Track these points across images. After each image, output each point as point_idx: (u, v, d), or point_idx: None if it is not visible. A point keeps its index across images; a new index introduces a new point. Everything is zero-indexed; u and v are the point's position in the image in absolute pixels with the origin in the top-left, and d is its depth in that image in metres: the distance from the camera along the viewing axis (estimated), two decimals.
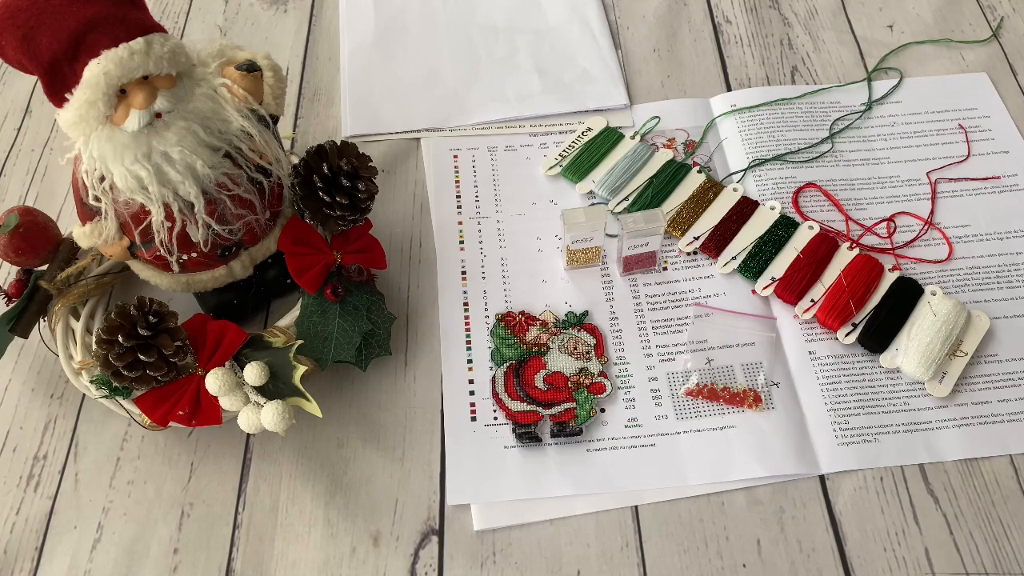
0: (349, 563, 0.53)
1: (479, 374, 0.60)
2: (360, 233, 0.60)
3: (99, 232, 0.52)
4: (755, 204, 0.66)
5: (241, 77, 0.53)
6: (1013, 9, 0.82)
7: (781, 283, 0.62)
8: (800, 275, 0.62)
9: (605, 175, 0.69)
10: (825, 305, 0.60)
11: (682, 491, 0.55)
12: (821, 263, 0.62)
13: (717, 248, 0.64)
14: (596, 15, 0.82)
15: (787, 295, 0.61)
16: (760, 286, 0.62)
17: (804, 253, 0.63)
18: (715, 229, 0.65)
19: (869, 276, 0.61)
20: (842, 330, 0.60)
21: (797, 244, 0.63)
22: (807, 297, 0.61)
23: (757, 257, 0.63)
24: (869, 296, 0.60)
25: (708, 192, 0.67)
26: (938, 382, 0.58)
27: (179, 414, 0.52)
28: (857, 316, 0.60)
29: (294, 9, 0.85)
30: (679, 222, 0.66)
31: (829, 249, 0.63)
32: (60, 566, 0.53)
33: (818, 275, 0.62)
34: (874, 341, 0.59)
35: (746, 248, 0.64)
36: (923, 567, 0.52)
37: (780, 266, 0.63)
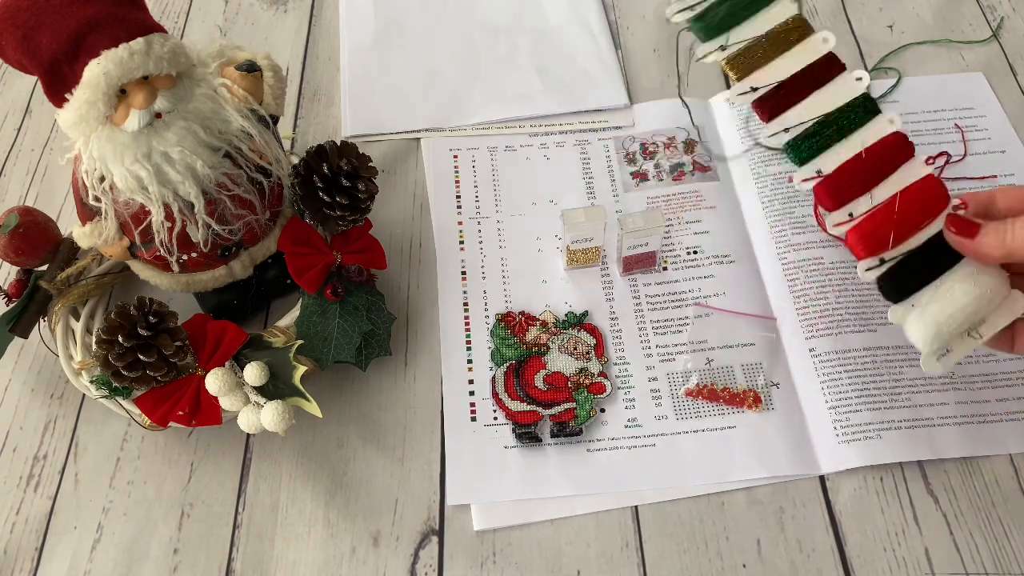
0: (349, 563, 0.53)
1: (479, 374, 0.60)
2: (360, 233, 0.60)
3: (99, 232, 0.52)
4: (841, 67, 0.52)
5: (241, 77, 0.53)
6: (1013, 9, 0.82)
7: (827, 181, 0.50)
8: (853, 179, 0.50)
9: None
10: (862, 226, 0.49)
11: (682, 491, 0.55)
12: (882, 172, 0.50)
13: (773, 110, 0.52)
14: (596, 15, 0.82)
15: (827, 198, 0.50)
16: (800, 176, 0.51)
17: (869, 153, 0.50)
18: (782, 85, 0.52)
19: (927, 208, 0.49)
20: (866, 262, 0.49)
21: (866, 138, 0.50)
22: (846, 208, 0.50)
23: (814, 138, 0.51)
24: (916, 232, 0.49)
25: (792, 33, 0.52)
26: (936, 358, 0.49)
27: (179, 414, 0.52)
28: (890, 252, 0.49)
29: (294, 9, 0.85)
30: (743, 61, 0.52)
31: (900, 157, 0.50)
32: (60, 566, 0.53)
33: (872, 185, 0.50)
34: (895, 288, 0.49)
35: (807, 123, 0.51)
36: (923, 567, 0.52)
37: (834, 158, 0.50)
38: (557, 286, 0.64)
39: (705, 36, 0.53)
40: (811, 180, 0.51)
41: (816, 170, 0.51)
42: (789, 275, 0.64)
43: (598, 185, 0.70)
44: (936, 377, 0.59)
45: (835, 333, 0.61)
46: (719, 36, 0.53)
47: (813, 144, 0.51)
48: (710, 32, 0.53)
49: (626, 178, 0.71)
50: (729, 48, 0.53)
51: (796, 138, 0.51)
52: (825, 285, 0.63)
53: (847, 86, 0.52)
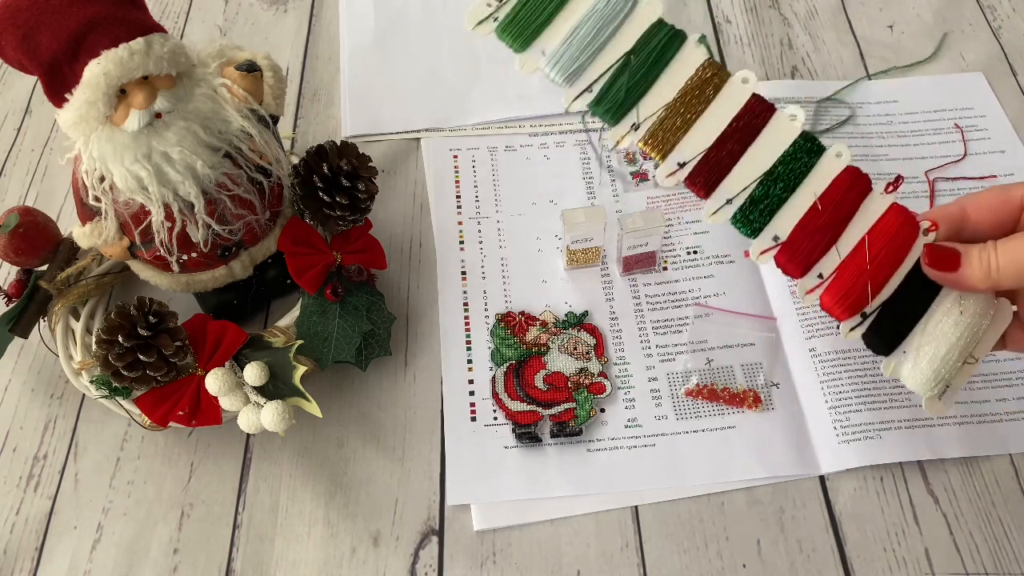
0: (349, 563, 0.53)
1: (479, 374, 0.60)
2: (360, 233, 0.60)
3: (99, 232, 0.52)
4: (770, 109, 0.45)
5: (241, 77, 0.53)
6: (1013, 9, 0.82)
7: (786, 248, 0.44)
8: (814, 236, 0.44)
9: (561, 43, 0.46)
10: (836, 285, 0.44)
11: (682, 491, 0.55)
12: (843, 218, 0.44)
13: (708, 184, 0.45)
14: None
15: (791, 266, 0.45)
16: (757, 249, 0.45)
17: (824, 200, 0.44)
18: (709, 153, 0.45)
19: (899, 243, 0.44)
20: (848, 323, 0.45)
21: (818, 186, 0.44)
22: (814, 271, 0.45)
23: (762, 203, 0.45)
24: (893, 274, 0.44)
25: (707, 86, 0.45)
26: (938, 398, 0.46)
27: (179, 414, 0.52)
28: (871, 304, 0.44)
29: (294, 9, 0.85)
30: (659, 137, 0.45)
31: (858, 194, 0.44)
32: (60, 566, 0.53)
33: (836, 236, 0.44)
34: (882, 341, 0.45)
35: (748, 186, 0.45)
36: (923, 567, 0.52)
37: (789, 219, 0.45)
38: (557, 286, 0.64)
39: (612, 119, 0.46)
40: (770, 251, 0.45)
41: (772, 237, 0.45)
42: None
43: (598, 185, 0.70)
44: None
45: (835, 333, 0.61)
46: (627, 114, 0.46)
47: (762, 209, 0.45)
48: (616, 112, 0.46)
49: (626, 178, 0.71)
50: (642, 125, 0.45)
51: (742, 207, 0.45)
52: None
53: (782, 129, 0.45)
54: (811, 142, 0.45)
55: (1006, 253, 0.41)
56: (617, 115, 0.45)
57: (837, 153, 0.45)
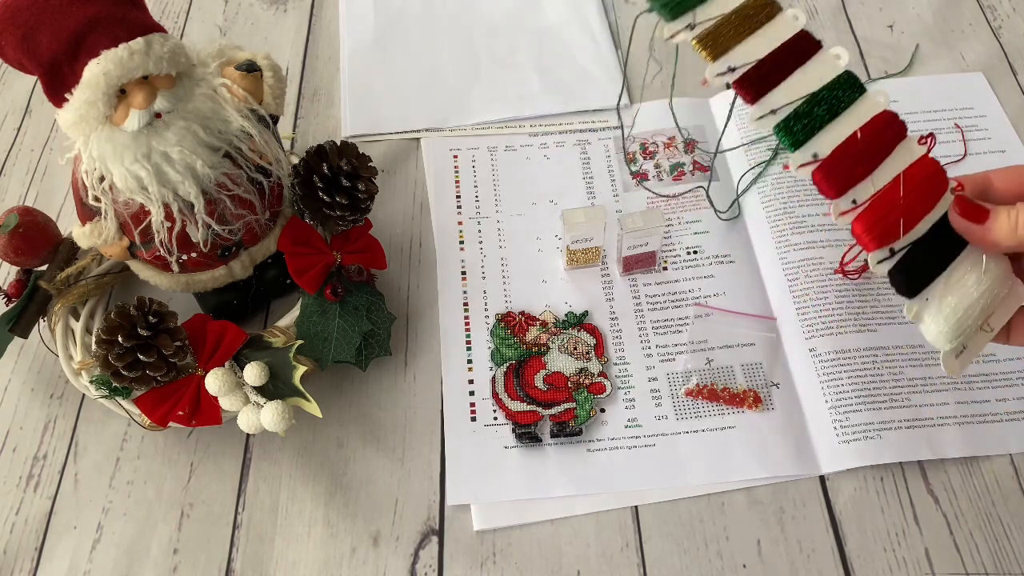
0: (349, 563, 0.53)
1: (479, 374, 0.60)
2: (360, 233, 0.60)
3: (99, 232, 0.52)
4: (818, 44, 0.49)
5: (241, 77, 0.53)
6: (1013, 9, 0.82)
7: (825, 166, 0.46)
8: (852, 162, 0.46)
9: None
10: (869, 213, 0.46)
11: (682, 491, 0.55)
12: (880, 153, 0.46)
13: (756, 91, 0.48)
14: (596, 15, 0.82)
15: (828, 184, 0.46)
16: (797, 161, 0.47)
17: (864, 132, 0.46)
18: (762, 62, 0.48)
19: (931, 190, 0.46)
20: (877, 253, 0.46)
21: (858, 117, 0.47)
22: (849, 195, 0.46)
23: (805, 119, 0.47)
24: (922, 218, 0.45)
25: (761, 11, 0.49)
26: (954, 356, 0.46)
27: (179, 414, 0.52)
28: (900, 241, 0.45)
29: (294, 9, 0.85)
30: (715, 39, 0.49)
31: (894, 137, 0.47)
32: (60, 566, 0.53)
33: (872, 168, 0.46)
34: (911, 280, 0.46)
35: (794, 102, 0.47)
36: (923, 567, 0.52)
37: (830, 140, 0.47)
38: (557, 286, 0.64)
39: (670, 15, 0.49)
40: (809, 165, 0.47)
41: (812, 154, 0.47)
42: (789, 275, 0.64)
43: (598, 185, 0.70)
44: (937, 377, 0.59)
45: (835, 333, 0.61)
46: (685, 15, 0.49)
47: (805, 125, 0.47)
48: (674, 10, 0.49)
49: (626, 178, 0.71)
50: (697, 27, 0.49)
51: (786, 119, 0.48)
52: (825, 285, 0.63)
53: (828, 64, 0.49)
54: (854, 80, 0.48)
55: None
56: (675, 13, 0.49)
57: (878, 95, 0.48)
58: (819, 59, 0.49)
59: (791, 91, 0.48)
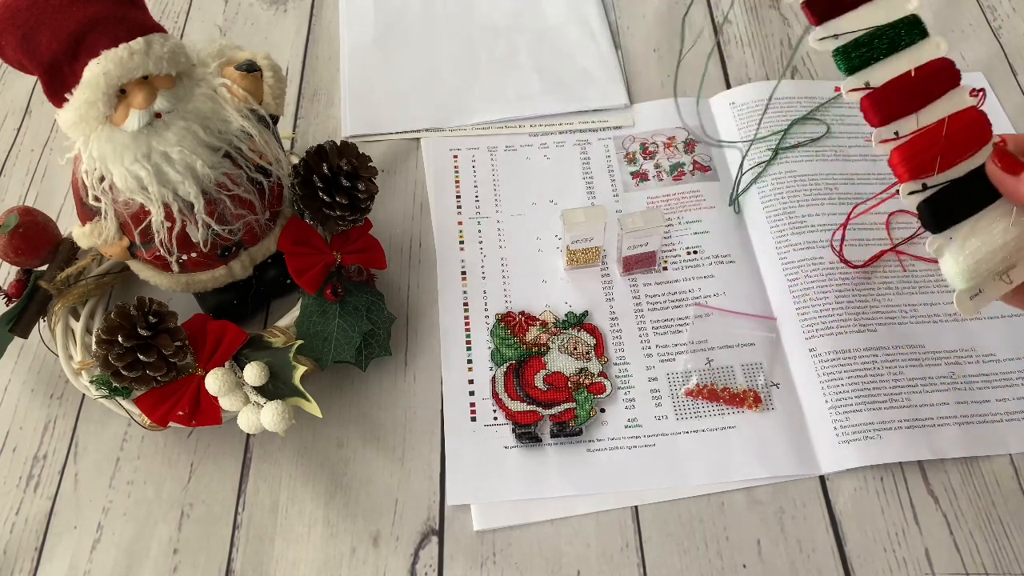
0: (349, 563, 0.53)
1: (479, 374, 0.60)
2: (360, 233, 0.60)
3: (99, 232, 0.52)
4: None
5: (241, 77, 0.53)
6: (1013, 9, 0.82)
7: (875, 95, 0.49)
8: (901, 96, 0.49)
9: None
10: (908, 146, 0.48)
11: (682, 491, 0.55)
12: (929, 94, 0.49)
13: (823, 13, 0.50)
14: (596, 15, 0.82)
15: (873, 112, 0.49)
16: (848, 86, 0.50)
17: (918, 72, 0.49)
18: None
19: (973, 137, 0.48)
20: (909, 185, 0.48)
21: (916, 58, 0.50)
22: (892, 126, 0.49)
23: (864, 48, 0.50)
24: (960, 161, 0.48)
25: None
26: (968, 297, 0.48)
27: (179, 414, 0.52)
28: (933, 179, 0.48)
29: (294, 9, 0.85)
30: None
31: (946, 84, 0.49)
32: (60, 566, 0.53)
33: (919, 106, 0.49)
34: (938, 215, 0.48)
35: (857, 31, 0.50)
36: (923, 567, 0.52)
37: (884, 72, 0.49)
38: (557, 286, 0.64)
39: None
40: (859, 91, 0.50)
41: (864, 82, 0.50)
42: (789, 275, 0.64)
43: (598, 185, 0.70)
44: (937, 377, 0.59)
45: (835, 333, 0.61)
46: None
47: (863, 54, 0.50)
48: None
49: (626, 178, 0.71)
50: None
51: (846, 46, 0.50)
52: (825, 285, 0.63)
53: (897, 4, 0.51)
54: (920, 24, 0.50)
55: None
56: None
57: (937, 43, 0.50)
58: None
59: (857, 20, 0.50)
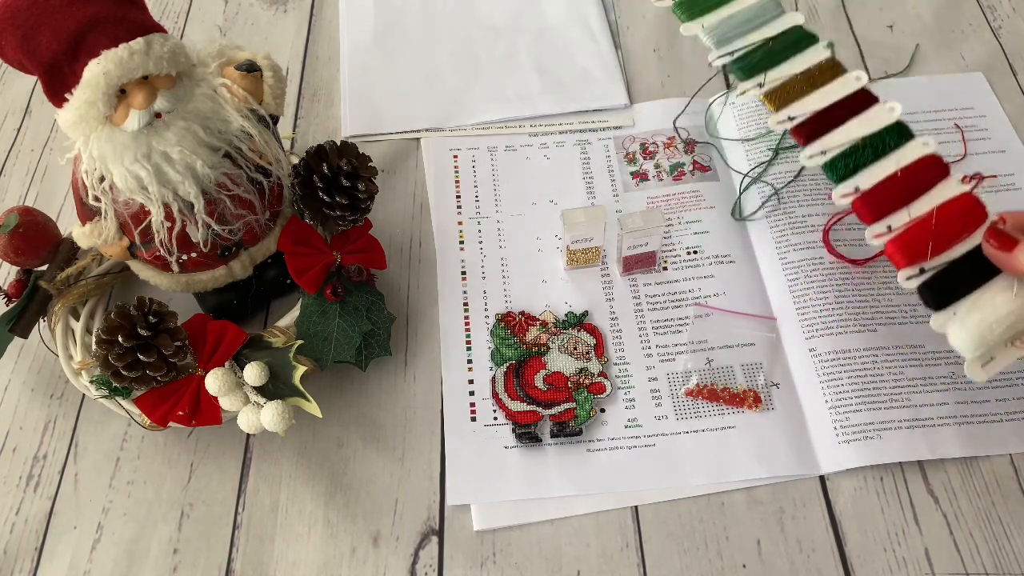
0: (349, 563, 0.53)
1: (479, 374, 0.60)
2: (360, 233, 0.60)
3: (99, 232, 0.52)
4: (872, 99, 0.56)
5: (241, 77, 0.53)
6: (1013, 9, 0.82)
7: (865, 197, 0.53)
8: (890, 195, 0.52)
9: (720, 21, 0.61)
10: (901, 238, 0.51)
11: (682, 491, 0.55)
12: (918, 189, 0.52)
13: (810, 135, 0.55)
14: (596, 15, 0.82)
15: (865, 211, 0.53)
16: (840, 192, 0.53)
17: (904, 172, 0.53)
18: (817, 115, 0.56)
19: (966, 222, 0.51)
20: (906, 271, 0.51)
21: (901, 159, 0.53)
22: (884, 221, 0.52)
23: (851, 158, 0.54)
24: (954, 245, 0.50)
25: (826, 72, 0.57)
26: (980, 365, 0.50)
27: (179, 414, 0.52)
28: (929, 262, 0.50)
29: (294, 9, 0.85)
30: (780, 95, 0.57)
31: (935, 176, 0.53)
32: (60, 566, 0.53)
33: (907, 201, 0.52)
34: (937, 295, 0.50)
35: (843, 145, 0.54)
36: (923, 567, 0.52)
37: (871, 176, 0.53)
38: (557, 286, 0.64)
39: (744, 76, 0.59)
40: (849, 196, 0.53)
41: (854, 187, 0.53)
42: (789, 275, 0.64)
43: (598, 185, 0.70)
44: (938, 377, 0.59)
45: (835, 333, 0.61)
46: (756, 76, 0.58)
47: (850, 163, 0.54)
48: (749, 73, 0.59)
49: (626, 178, 0.71)
50: (766, 85, 0.58)
51: (834, 159, 0.54)
52: (825, 285, 0.63)
53: (881, 115, 0.55)
54: (904, 128, 0.54)
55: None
56: (748, 74, 0.58)
57: (924, 142, 0.54)
58: (874, 110, 0.55)
59: (843, 135, 0.55)
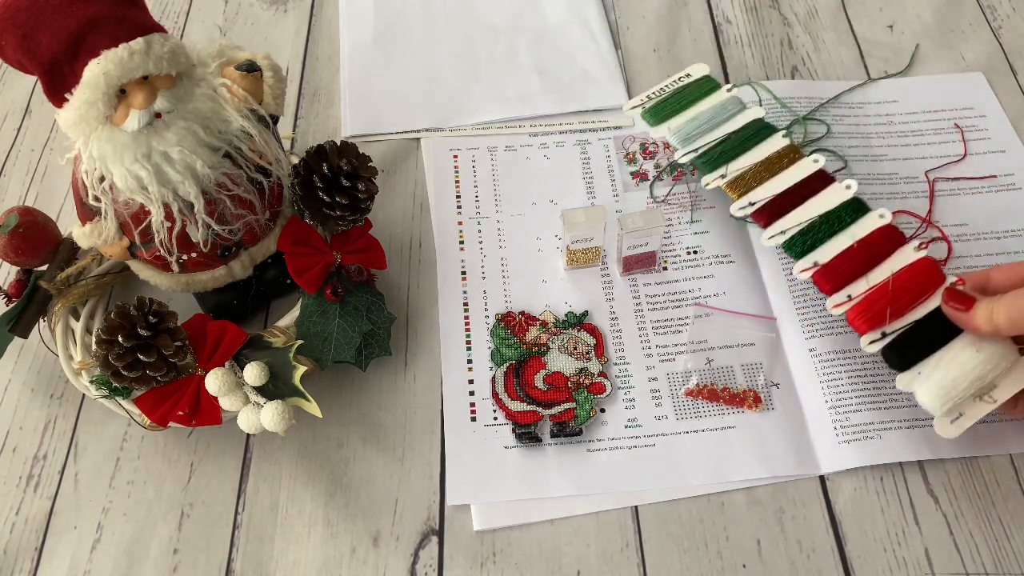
0: (349, 563, 0.53)
1: (479, 374, 0.60)
2: (360, 233, 0.60)
3: (99, 232, 0.52)
4: (829, 179, 0.59)
5: (241, 77, 0.53)
6: (1013, 9, 0.82)
7: (823, 270, 0.56)
8: (848, 266, 0.55)
9: (684, 123, 0.67)
10: (860, 305, 0.54)
11: (682, 491, 0.55)
12: (875, 258, 0.55)
13: (770, 218, 0.59)
14: (596, 15, 0.82)
15: (825, 283, 0.56)
16: (799, 267, 0.57)
17: (861, 244, 0.55)
18: (776, 198, 0.59)
19: (923, 285, 0.53)
20: (868, 336, 0.54)
21: (857, 232, 0.56)
22: (844, 291, 0.55)
23: (808, 235, 0.57)
24: (913, 308, 0.53)
25: (784, 159, 0.61)
26: (949, 421, 0.52)
27: (179, 414, 0.52)
28: (890, 326, 0.53)
29: (294, 9, 0.85)
30: (741, 184, 0.61)
31: (891, 245, 0.55)
32: (60, 566, 0.53)
33: (866, 270, 0.55)
34: (899, 357, 0.52)
35: (800, 224, 0.58)
36: (923, 567, 0.52)
37: (829, 251, 0.56)
38: (557, 286, 0.64)
39: (707, 170, 0.63)
40: (809, 271, 0.57)
41: (813, 262, 0.57)
42: (789, 275, 0.64)
43: (598, 185, 0.70)
44: None
45: (835, 333, 0.60)
46: (719, 168, 0.63)
47: (808, 240, 0.57)
48: (711, 167, 0.63)
49: (626, 178, 0.71)
50: (729, 175, 0.62)
51: (793, 237, 0.58)
52: None
53: (837, 193, 0.58)
54: (859, 203, 0.58)
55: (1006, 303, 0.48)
56: (712, 167, 0.63)
57: (880, 215, 0.57)
58: (830, 190, 0.59)
59: (800, 216, 0.58)
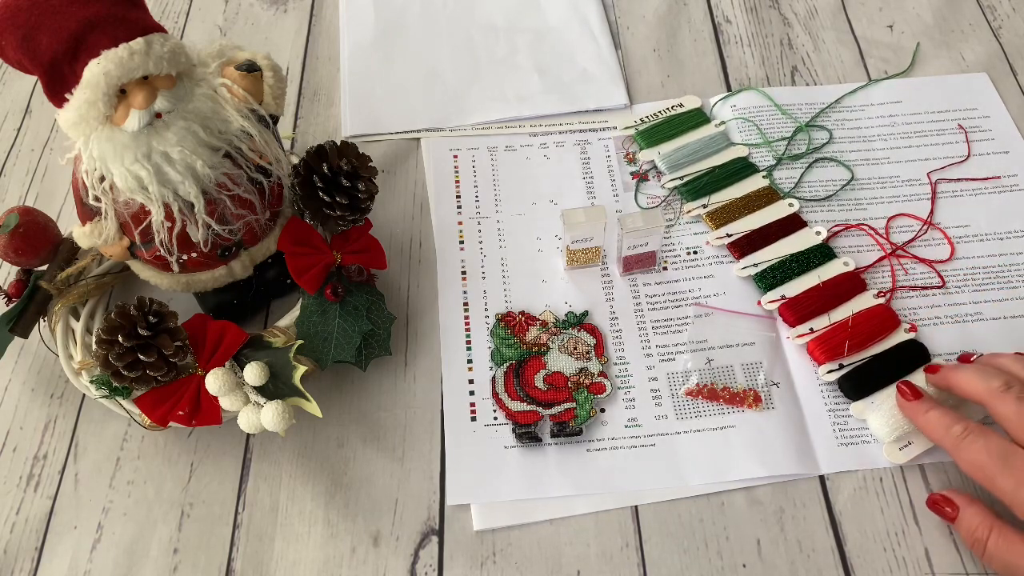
0: (349, 563, 0.53)
1: (479, 374, 0.60)
2: (360, 233, 0.60)
3: (99, 232, 0.52)
4: (802, 224, 0.65)
5: (241, 77, 0.53)
6: (1013, 9, 0.82)
7: (789, 303, 0.61)
8: (812, 302, 0.60)
9: (673, 151, 0.70)
10: (820, 338, 0.59)
11: (682, 491, 0.55)
12: (837, 299, 0.61)
13: (744, 251, 0.64)
14: (596, 15, 0.82)
15: (789, 315, 0.60)
16: (767, 299, 0.61)
17: (826, 284, 0.61)
18: (752, 233, 0.64)
19: (879, 327, 0.59)
20: (826, 366, 0.58)
21: (823, 274, 0.62)
22: (807, 324, 0.60)
23: (778, 271, 0.62)
24: (868, 346, 0.59)
25: (762, 198, 0.67)
26: (898, 448, 0.55)
27: (179, 414, 0.52)
28: (847, 359, 0.58)
29: (294, 9, 0.85)
30: (720, 215, 0.66)
31: (852, 290, 0.61)
32: (60, 566, 0.53)
33: (828, 308, 0.60)
34: (853, 388, 0.57)
35: (771, 260, 0.63)
36: (923, 567, 0.52)
37: (795, 287, 0.62)
38: (557, 286, 0.64)
39: (690, 198, 0.67)
40: (776, 302, 0.61)
41: (781, 295, 0.62)
42: None
43: (598, 185, 0.70)
44: None
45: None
46: (701, 198, 0.67)
47: (777, 275, 0.62)
48: (695, 195, 0.67)
49: (626, 178, 0.71)
50: (709, 206, 0.66)
51: (764, 271, 0.63)
52: None
53: (808, 237, 0.64)
54: (826, 250, 0.64)
55: (999, 548, 0.48)
56: (694, 196, 0.68)
57: (845, 263, 0.63)
58: (802, 233, 0.65)
59: (772, 253, 0.64)
